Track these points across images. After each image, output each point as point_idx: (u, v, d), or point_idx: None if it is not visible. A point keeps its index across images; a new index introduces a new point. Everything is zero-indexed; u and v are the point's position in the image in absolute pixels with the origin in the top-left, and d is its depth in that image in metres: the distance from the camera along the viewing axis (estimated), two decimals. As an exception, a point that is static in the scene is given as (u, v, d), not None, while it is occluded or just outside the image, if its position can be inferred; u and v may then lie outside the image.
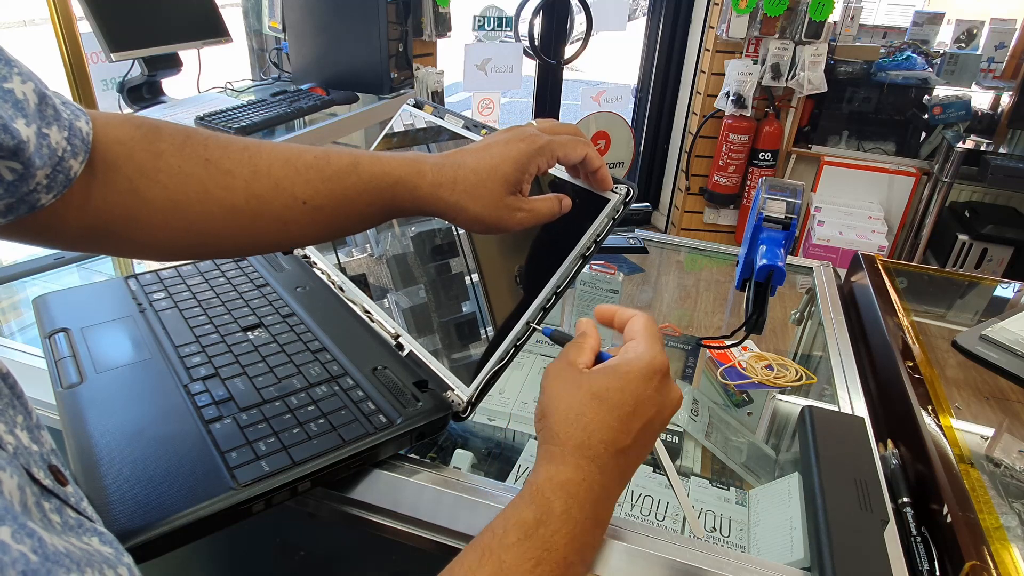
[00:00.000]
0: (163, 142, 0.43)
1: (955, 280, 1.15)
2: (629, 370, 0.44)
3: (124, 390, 0.54)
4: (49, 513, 0.28)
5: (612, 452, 0.41)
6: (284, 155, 0.45)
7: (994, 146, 2.63)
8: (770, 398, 0.77)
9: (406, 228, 0.72)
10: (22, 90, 0.35)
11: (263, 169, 0.44)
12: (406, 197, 0.47)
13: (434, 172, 0.47)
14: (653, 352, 0.45)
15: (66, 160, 0.38)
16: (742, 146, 3.01)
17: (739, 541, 0.59)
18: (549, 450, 0.42)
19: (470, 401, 0.55)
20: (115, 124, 0.42)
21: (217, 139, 0.45)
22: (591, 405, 0.42)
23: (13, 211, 0.36)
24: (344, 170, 0.46)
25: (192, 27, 1.75)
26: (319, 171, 0.46)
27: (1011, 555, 0.48)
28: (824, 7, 2.68)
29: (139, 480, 0.44)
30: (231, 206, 0.44)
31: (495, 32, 2.74)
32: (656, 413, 0.43)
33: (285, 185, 0.45)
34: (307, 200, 0.45)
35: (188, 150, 0.43)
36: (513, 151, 0.47)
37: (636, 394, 0.43)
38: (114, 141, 0.41)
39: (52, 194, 0.38)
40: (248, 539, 0.62)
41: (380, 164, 0.47)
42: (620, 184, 0.54)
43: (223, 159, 0.44)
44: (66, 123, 0.38)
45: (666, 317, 1.05)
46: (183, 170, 0.43)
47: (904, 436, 0.63)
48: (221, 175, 0.44)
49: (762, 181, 0.83)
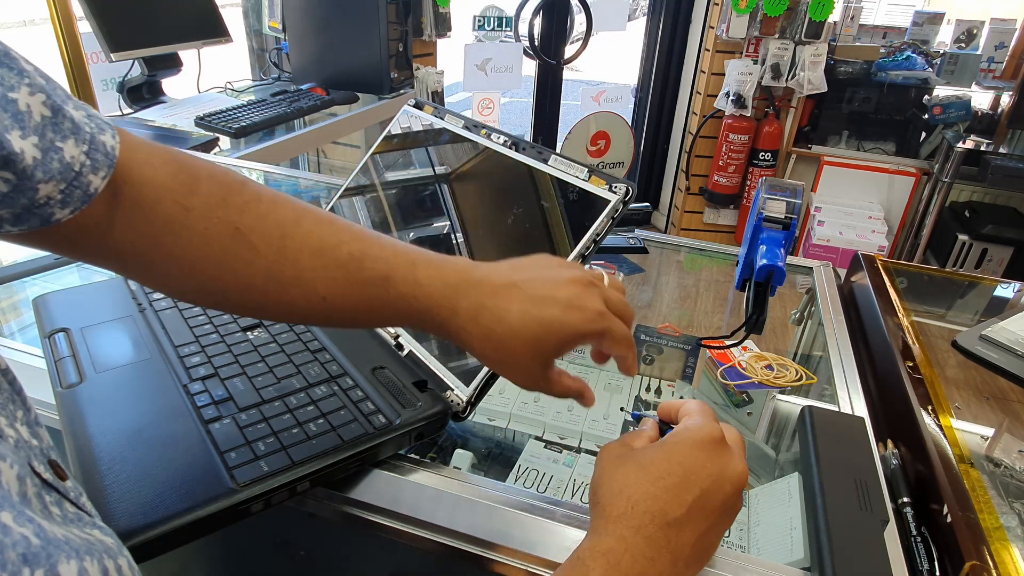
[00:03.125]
0: (197, 197, 0.41)
1: (955, 280, 1.15)
2: (677, 440, 0.42)
3: (124, 390, 0.54)
4: (49, 506, 0.28)
5: (660, 524, 0.38)
6: (318, 243, 0.42)
7: (994, 146, 2.63)
8: (770, 398, 0.77)
9: (405, 231, 0.72)
10: (27, 102, 0.33)
11: (291, 255, 0.42)
12: (430, 324, 0.44)
13: (469, 316, 0.42)
14: (704, 422, 0.43)
15: (84, 175, 0.36)
16: (742, 146, 3.02)
17: (739, 541, 0.59)
18: (594, 524, 0.40)
19: (470, 401, 0.55)
20: (154, 165, 0.40)
21: (259, 204, 0.42)
22: (635, 476, 0.40)
23: (23, 222, 0.35)
24: (374, 281, 0.42)
25: (192, 27, 1.75)
26: (349, 273, 0.42)
27: (1011, 555, 0.48)
28: (824, 7, 2.68)
29: (138, 480, 0.44)
30: (248, 283, 0.42)
31: (495, 32, 2.74)
32: (712, 484, 0.40)
33: (308, 277, 0.42)
34: (327, 297, 0.42)
35: (220, 213, 0.41)
36: (565, 325, 0.42)
37: (684, 464, 0.40)
38: (146, 183, 0.40)
39: (69, 209, 0.36)
40: (248, 539, 0.62)
41: (414, 287, 0.42)
42: (619, 184, 0.54)
43: (253, 232, 0.41)
44: (86, 136, 0.36)
45: (666, 317, 1.05)
46: (208, 234, 0.41)
47: (904, 436, 0.63)
48: (245, 249, 0.41)
49: (762, 181, 0.83)
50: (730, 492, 0.41)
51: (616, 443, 0.45)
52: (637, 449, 0.43)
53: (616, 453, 0.43)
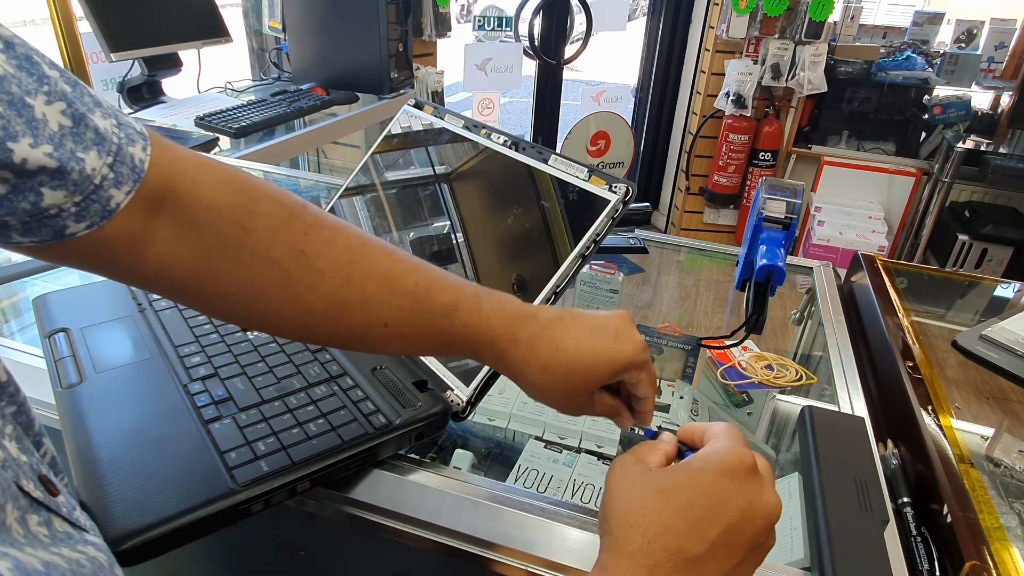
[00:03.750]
0: (259, 218, 0.39)
1: (955, 280, 1.15)
2: (703, 466, 0.38)
3: (123, 390, 0.54)
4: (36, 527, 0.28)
5: (677, 562, 0.34)
6: (385, 271, 0.42)
7: (994, 146, 2.63)
8: (770, 398, 0.77)
9: (405, 232, 0.72)
10: (43, 111, 0.31)
11: (358, 280, 0.41)
12: (489, 355, 0.44)
13: (528, 347, 0.43)
14: (734, 446, 0.38)
15: (104, 189, 0.33)
16: (742, 146, 3.01)
17: (739, 541, 0.59)
18: (603, 558, 0.36)
19: (469, 401, 0.55)
20: (210, 185, 0.38)
21: (323, 229, 0.41)
22: (654, 505, 0.36)
23: (33, 232, 0.33)
24: (441, 311, 0.42)
25: (192, 27, 1.75)
26: (416, 301, 0.42)
27: (1011, 555, 0.48)
28: (824, 7, 2.68)
29: (138, 480, 0.44)
30: (310, 307, 0.40)
31: (495, 32, 2.74)
32: (741, 519, 0.36)
33: (374, 305, 0.41)
34: (390, 324, 0.42)
35: (284, 235, 0.39)
36: (620, 353, 0.43)
37: (710, 494, 0.36)
38: (200, 204, 0.37)
39: (85, 224, 0.33)
40: (248, 539, 0.62)
41: (479, 316, 0.42)
42: (619, 184, 0.54)
43: (318, 256, 0.40)
44: (112, 148, 0.34)
45: (666, 317, 1.05)
46: (271, 256, 0.39)
47: (904, 436, 0.63)
48: (311, 274, 0.40)
49: (762, 181, 0.83)
50: (760, 527, 0.37)
51: (630, 457, 0.41)
52: (655, 471, 0.39)
53: (632, 473, 0.39)
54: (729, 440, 0.39)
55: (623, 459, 0.41)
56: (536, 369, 0.43)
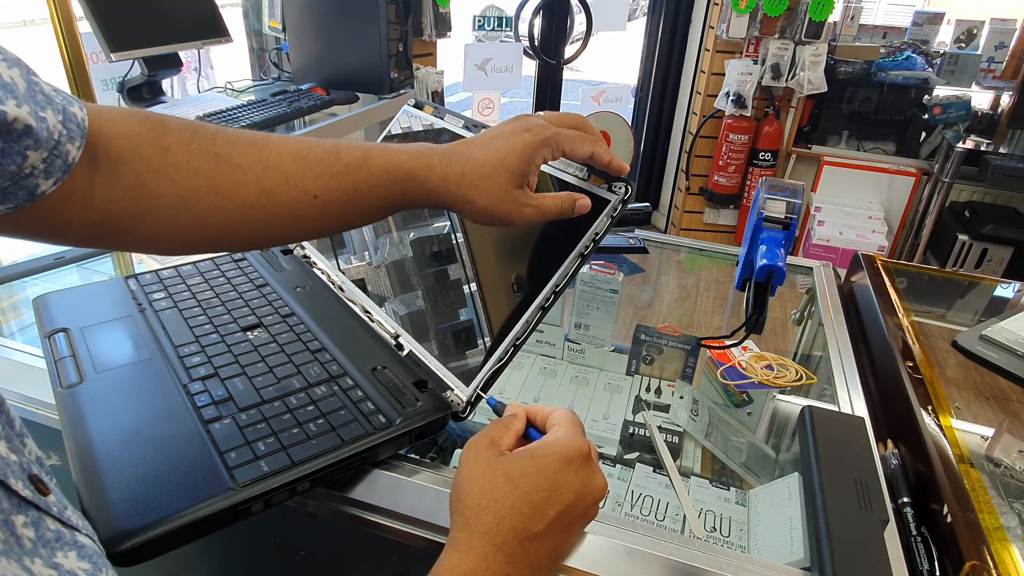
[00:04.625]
0: (170, 136, 0.42)
1: (955, 280, 1.15)
2: (547, 453, 0.43)
3: (123, 390, 0.54)
4: (21, 528, 0.28)
5: (522, 539, 0.40)
6: (294, 149, 0.45)
7: (994, 146, 2.63)
8: (770, 398, 0.77)
9: (405, 231, 0.72)
10: (9, 75, 0.34)
11: (274, 164, 0.44)
12: (415, 190, 0.47)
13: (442, 165, 0.47)
14: (573, 437, 0.44)
15: (63, 144, 0.37)
16: (742, 146, 3.02)
17: (739, 541, 0.59)
18: (456, 537, 0.41)
19: (469, 401, 0.55)
20: (120, 119, 0.42)
21: (226, 133, 0.44)
22: (504, 488, 0.41)
23: (11, 197, 0.36)
24: (354, 164, 0.46)
25: (192, 27, 1.75)
26: (329, 166, 0.45)
27: (1011, 555, 0.48)
28: (824, 7, 2.68)
29: (138, 480, 0.44)
30: (242, 201, 0.44)
31: (495, 32, 2.74)
32: (575, 500, 0.42)
33: (296, 180, 0.44)
34: (318, 195, 0.45)
35: (196, 144, 0.43)
36: (518, 143, 0.47)
37: (552, 479, 0.42)
38: (119, 136, 0.41)
39: (52, 181, 0.37)
40: (248, 539, 0.62)
41: (390, 158, 0.46)
42: (618, 183, 0.54)
43: (233, 153, 0.43)
44: (59, 107, 0.37)
45: (666, 317, 1.05)
46: (191, 165, 0.42)
47: (904, 436, 0.63)
48: (231, 170, 0.43)
49: (762, 181, 0.83)
50: (589, 504, 0.44)
51: (483, 439, 0.45)
52: (505, 456, 0.44)
53: (486, 457, 0.44)
54: (570, 429, 0.45)
55: (477, 441, 0.46)
56: (456, 183, 0.46)
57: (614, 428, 0.77)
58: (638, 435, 0.77)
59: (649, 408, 0.82)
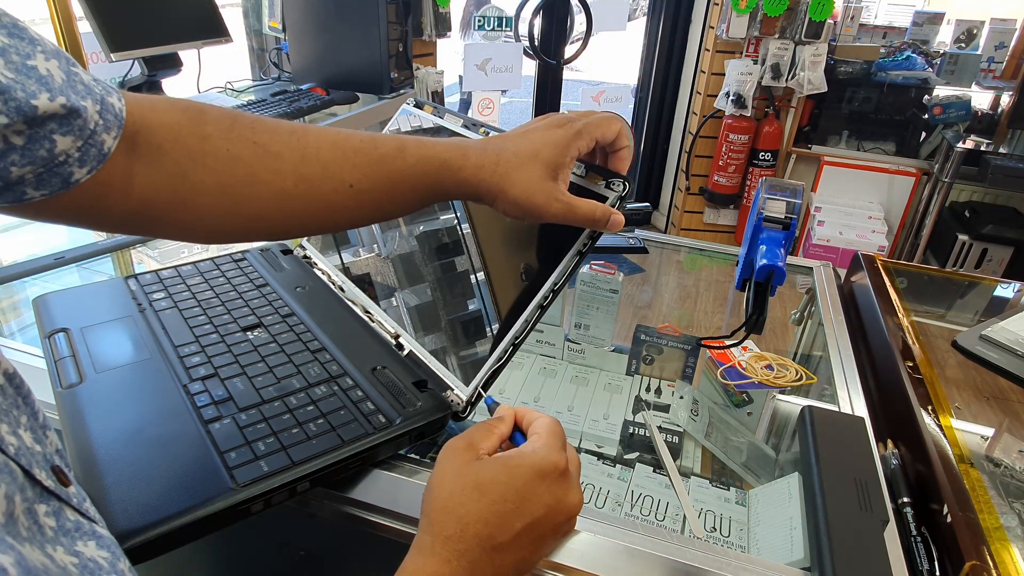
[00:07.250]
0: (209, 125, 0.43)
1: (955, 280, 1.15)
2: (520, 463, 0.42)
3: (123, 390, 0.54)
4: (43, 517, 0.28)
5: (486, 548, 0.39)
6: (332, 138, 0.45)
7: (994, 146, 2.63)
8: (770, 398, 0.77)
9: (405, 231, 0.72)
10: (46, 67, 0.35)
11: (312, 153, 0.44)
12: (449, 180, 0.47)
13: (477, 155, 0.47)
14: (550, 450, 0.43)
15: (98, 134, 0.38)
16: (742, 146, 3.01)
17: (739, 541, 0.59)
18: (421, 539, 0.40)
19: (469, 401, 0.55)
20: (161, 108, 0.42)
21: (264, 122, 0.45)
22: (472, 495, 0.41)
23: (45, 184, 0.36)
24: (390, 154, 0.46)
25: (192, 27, 1.75)
26: (366, 155, 0.45)
27: (1011, 555, 0.48)
28: (824, 7, 2.68)
29: (138, 480, 0.44)
30: (280, 189, 0.44)
31: (495, 32, 2.74)
32: (545, 515, 0.41)
33: (333, 169, 0.45)
34: (354, 184, 0.45)
35: (235, 133, 0.43)
36: (553, 136, 0.48)
37: (521, 491, 0.41)
38: (159, 125, 0.41)
39: (86, 169, 0.38)
40: (248, 539, 0.62)
41: (425, 148, 0.47)
42: (616, 180, 0.54)
43: (271, 142, 0.44)
44: (98, 97, 0.38)
45: (666, 317, 1.05)
46: (231, 153, 0.43)
47: (904, 436, 0.63)
48: (270, 158, 0.44)
49: (762, 181, 0.83)
50: (562, 521, 0.43)
51: (461, 442, 0.45)
52: (479, 461, 0.43)
53: (460, 461, 0.43)
54: (548, 440, 0.44)
55: (454, 443, 0.45)
56: (490, 171, 0.46)
57: (614, 428, 0.77)
58: (638, 435, 0.77)
59: (649, 408, 0.82)
